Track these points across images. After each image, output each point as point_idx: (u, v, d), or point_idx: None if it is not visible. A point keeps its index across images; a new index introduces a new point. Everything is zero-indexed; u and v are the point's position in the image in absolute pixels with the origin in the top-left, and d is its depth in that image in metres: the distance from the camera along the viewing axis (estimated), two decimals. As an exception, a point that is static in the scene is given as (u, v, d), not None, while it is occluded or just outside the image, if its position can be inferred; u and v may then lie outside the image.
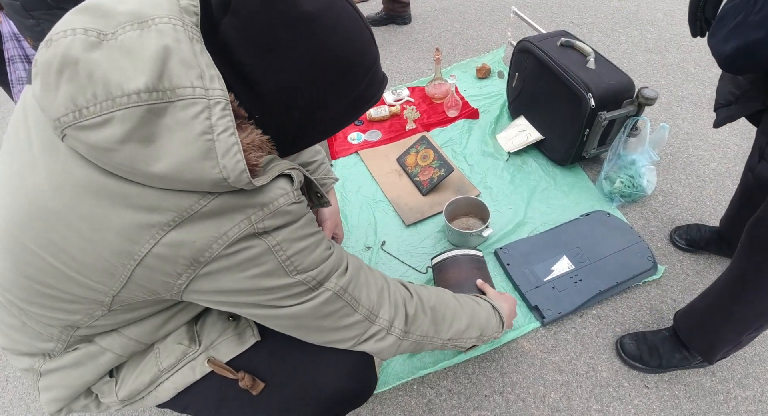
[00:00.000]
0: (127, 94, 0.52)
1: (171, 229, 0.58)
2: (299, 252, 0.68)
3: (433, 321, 0.92)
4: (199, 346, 0.87)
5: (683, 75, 2.27)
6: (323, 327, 0.77)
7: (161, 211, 0.57)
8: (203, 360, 0.87)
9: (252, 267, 0.65)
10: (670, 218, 1.69)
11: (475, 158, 1.93)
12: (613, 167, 1.70)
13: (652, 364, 1.30)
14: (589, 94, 1.58)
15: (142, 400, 0.88)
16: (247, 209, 0.61)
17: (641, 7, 2.75)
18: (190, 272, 0.63)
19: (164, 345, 0.86)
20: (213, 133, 0.55)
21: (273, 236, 0.64)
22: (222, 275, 0.64)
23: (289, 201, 0.64)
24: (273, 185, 0.63)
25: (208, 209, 0.59)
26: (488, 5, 2.91)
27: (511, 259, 1.54)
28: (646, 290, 1.51)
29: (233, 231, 0.61)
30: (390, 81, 2.42)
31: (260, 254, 0.64)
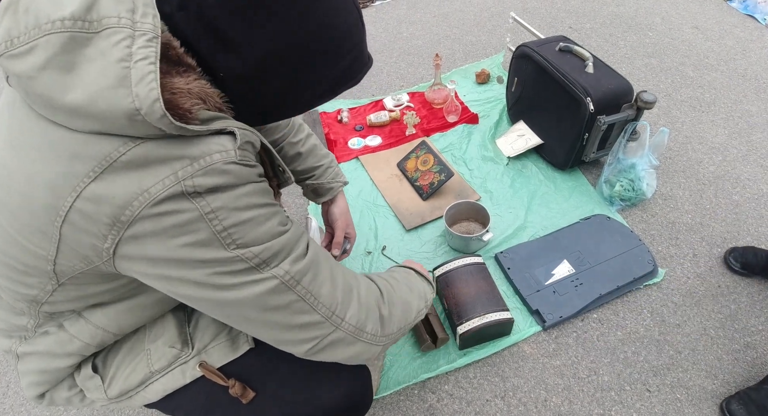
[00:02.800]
0: (52, 21, 0.52)
1: (91, 181, 0.54)
2: (241, 224, 0.60)
3: (404, 311, 0.86)
4: (191, 349, 0.85)
5: (682, 79, 2.27)
6: (272, 322, 0.68)
7: (82, 159, 0.54)
8: (194, 363, 0.85)
9: (182, 235, 0.57)
10: (670, 222, 1.70)
11: (475, 163, 1.93)
12: (612, 171, 1.70)
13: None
14: (588, 98, 1.59)
15: (129, 399, 0.86)
16: (173, 162, 0.55)
17: (639, 12, 2.76)
18: (115, 234, 0.57)
19: (156, 346, 0.85)
20: (130, 60, 0.52)
21: (207, 200, 0.57)
22: (149, 240, 0.57)
23: (226, 159, 0.58)
24: (210, 139, 0.58)
25: (129, 158, 0.54)
26: (487, 11, 2.92)
27: (512, 263, 1.54)
28: (647, 294, 1.51)
29: (156, 188, 0.54)
30: (390, 86, 2.43)
31: (191, 220, 0.57)
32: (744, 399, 1.24)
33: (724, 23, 2.62)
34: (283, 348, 0.73)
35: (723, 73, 2.29)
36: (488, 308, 1.33)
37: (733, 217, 1.70)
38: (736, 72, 2.29)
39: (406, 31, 2.85)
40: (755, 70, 2.29)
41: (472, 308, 1.34)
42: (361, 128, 2.17)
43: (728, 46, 2.45)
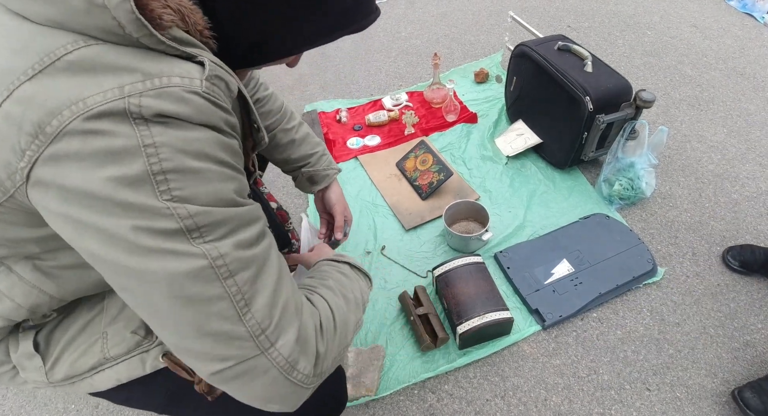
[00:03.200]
0: None
1: (27, 79, 0.46)
2: (184, 172, 0.49)
3: (341, 338, 0.68)
4: (155, 338, 0.75)
5: (680, 77, 2.28)
6: (181, 318, 0.52)
7: (27, 53, 0.47)
8: (157, 353, 0.75)
9: (110, 164, 0.46)
10: (669, 220, 1.70)
11: (474, 162, 1.93)
12: (612, 170, 1.70)
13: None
14: (586, 97, 1.59)
15: (72, 385, 0.76)
16: (123, 74, 0.47)
17: (638, 11, 2.76)
18: (35, 150, 0.47)
19: (115, 329, 0.74)
20: None
21: (152, 131, 0.47)
22: (71, 165, 0.47)
23: (188, 87, 0.49)
24: (175, 61, 0.50)
25: (74, 59, 0.46)
26: (485, 10, 2.92)
27: (511, 263, 1.54)
28: (646, 293, 1.51)
29: (95, 99, 0.46)
30: (388, 86, 2.43)
31: (126, 149, 0.46)
32: (757, 388, 1.24)
33: (723, 22, 2.62)
34: (186, 360, 0.56)
35: (721, 71, 2.29)
36: (488, 307, 1.33)
37: (732, 215, 1.70)
38: (735, 70, 2.29)
39: (405, 30, 2.84)
40: (754, 69, 2.29)
41: (471, 307, 1.34)
42: (359, 127, 2.17)
43: (727, 44, 2.45)
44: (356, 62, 2.63)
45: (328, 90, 2.46)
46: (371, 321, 1.49)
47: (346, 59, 2.66)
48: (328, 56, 2.70)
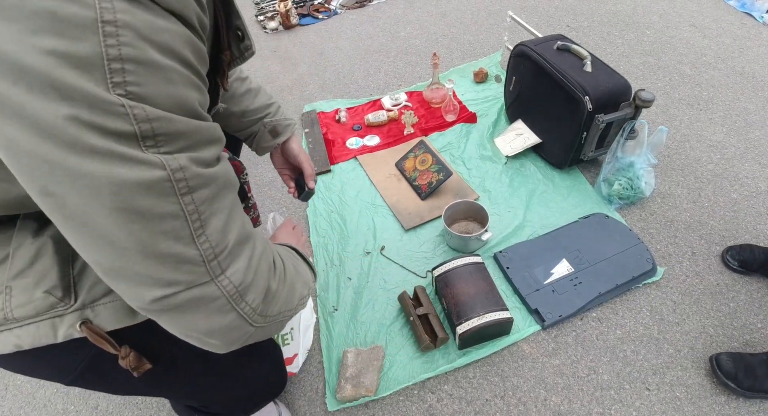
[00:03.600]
0: None
1: None
2: (147, 66, 0.42)
3: (289, 294, 0.65)
4: (73, 301, 0.62)
5: (679, 77, 2.27)
6: (125, 235, 0.45)
7: None
8: (73, 320, 0.63)
9: (53, 33, 0.38)
10: (669, 220, 1.70)
11: (474, 162, 1.93)
12: (611, 170, 1.70)
13: (745, 385, 1.25)
14: (586, 97, 1.59)
15: None
16: None
17: (637, 10, 2.76)
18: None
19: (22, 286, 0.61)
20: None
21: (116, 5, 0.39)
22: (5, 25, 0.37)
23: None
24: None
25: None
26: (485, 10, 2.92)
27: (511, 262, 1.54)
28: (646, 292, 1.51)
29: None
30: (388, 86, 2.42)
31: (79, 19, 0.38)
32: (735, 357, 1.29)
33: (722, 21, 2.62)
34: (120, 284, 0.49)
35: (721, 71, 2.29)
36: (487, 307, 1.33)
37: (731, 215, 1.70)
38: (734, 70, 2.29)
39: (404, 30, 2.84)
40: (753, 68, 2.29)
41: (471, 308, 1.34)
42: (359, 127, 2.16)
43: (726, 44, 2.45)
44: (355, 62, 2.63)
45: (327, 90, 2.45)
46: (371, 321, 1.49)
47: (345, 59, 2.66)
48: (327, 56, 2.70)
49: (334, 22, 3.03)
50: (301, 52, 2.77)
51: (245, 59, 0.67)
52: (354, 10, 3.13)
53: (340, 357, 1.41)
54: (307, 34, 2.94)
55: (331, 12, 3.12)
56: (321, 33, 2.93)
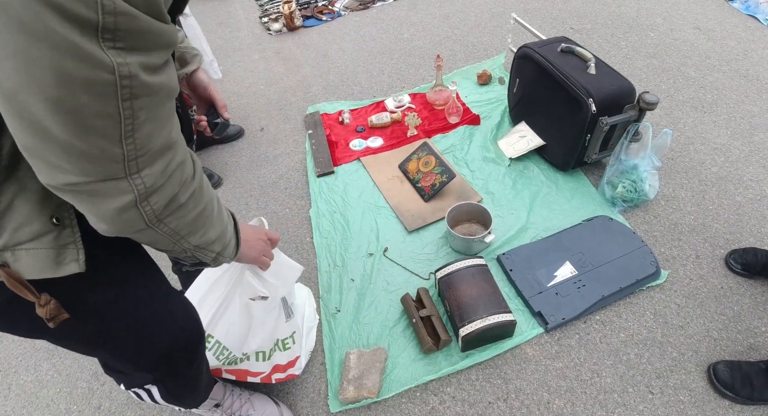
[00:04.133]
0: None
1: None
2: None
3: (196, 220, 0.66)
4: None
5: (684, 79, 2.27)
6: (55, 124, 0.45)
7: None
8: None
9: None
10: (673, 223, 1.69)
11: (477, 164, 1.93)
12: (615, 173, 1.70)
13: (742, 394, 1.25)
14: (590, 99, 1.59)
15: None
16: None
17: (641, 13, 2.76)
18: None
19: None
20: None
21: None
22: None
23: None
24: None
25: None
26: (488, 12, 2.92)
27: (514, 265, 1.54)
28: (649, 295, 1.51)
29: None
30: (391, 87, 2.43)
31: None
32: (733, 366, 1.29)
33: (726, 24, 2.61)
34: (39, 164, 0.50)
35: (725, 73, 2.29)
36: (491, 310, 1.33)
37: (735, 218, 1.69)
38: (738, 73, 2.28)
39: (407, 32, 2.84)
40: (757, 71, 2.29)
41: (474, 310, 1.33)
42: (362, 129, 2.17)
43: (730, 46, 2.45)
44: (359, 64, 2.63)
45: (330, 92, 2.46)
46: (373, 322, 1.49)
47: (348, 61, 2.66)
48: (331, 58, 2.70)
49: (337, 24, 3.04)
50: (305, 54, 2.77)
51: None
52: (357, 11, 3.13)
53: (343, 358, 1.41)
54: (311, 36, 2.94)
55: (335, 14, 3.13)
56: (325, 35, 2.93)
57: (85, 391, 1.46)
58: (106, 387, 1.47)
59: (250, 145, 2.24)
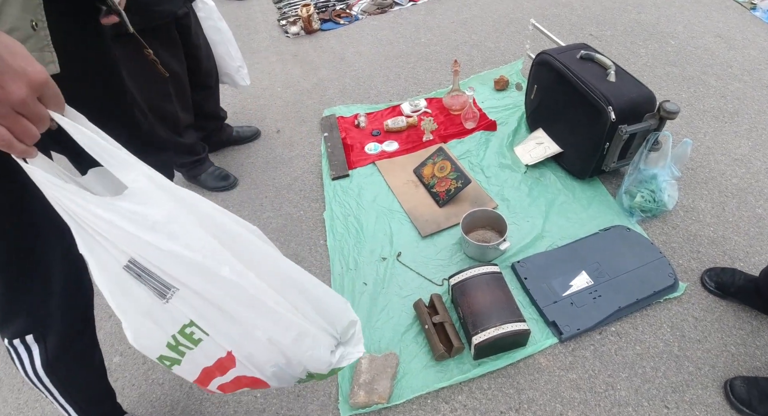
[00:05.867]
0: None
1: None
2: None
3: None
4: None
5: (704, 88, 2.24)
6: None
7: None
8: None
9: None
10: (692, 234, 1.66)
11: (493, 170, 1.92)
12: (633, 182, 1.68)
13: (760, 411, 1.23)
14: (609, 107, 1.57)
15: None
16: None
17: (661, 20, 2.73)
18: None
19: None
20: None
21: None
22: None
23: None
24: None
25: None
26: (506, 17, 2.91)
27: (529, 273, 1.52)
28: (666, 308, 1.48)
29: None
30: (407, 92, 2.42)
31: None
32: (751, 382, 1.27)
33: (748, 32, 2.57)
34: None
35: (746, 83, 2.25)
36: (504, 318, 1.32)
37: (756, 231, 1.66)
38: (761, 82, 2.24)
39: (424, 36, 2.84)
40: (780, 81, 2.25)
41: (487, 318, 1.32)
42: (378, 133, 2.17)
43: (752, 55, 2.41)
44: (375, 67, 2.63)
45: (347, 95, 2.46)
46: (385, 327, 1.48)
47: (365, 64, 2.67)
48: (348, 61, 2.71)
49: (355, 27, 3.05)
50: (322, 57, 2.78)
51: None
52: (375, 16, 3.14)
53: (354, 362, 1.40)
54: (328, 39, 2.95)
55: (353, 17, 3.14)
56: (342, 38, 2.94)
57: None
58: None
59: (266, 147, 2.25)
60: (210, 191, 2.06)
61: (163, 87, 1.70)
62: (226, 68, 2.03)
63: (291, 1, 3.41)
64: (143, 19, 1.51)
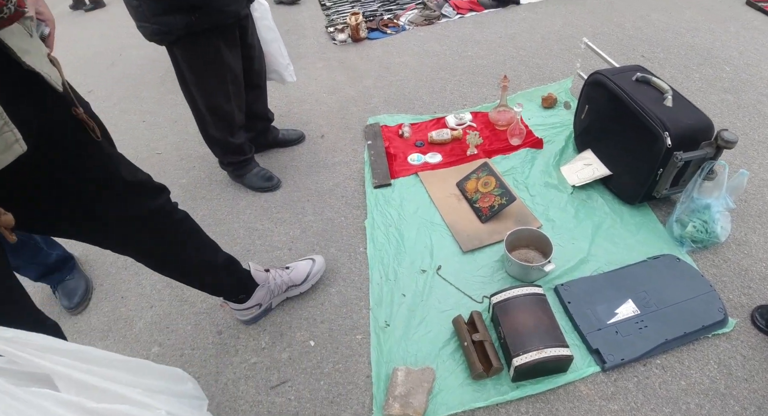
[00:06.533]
0: None
1: None
2: None
3: None
4: None
5: (760, 118, 2.17)
6: None
7: None
8: None
9: None
10: (743, 269, 1.61)
11: (537, 189, 1.89)
12: (685, 211, 1.63)
13: None
14: (665, 133, 1.54)
15: None
16: None
17: (715, 45, 2.66)
18: None
19: None
20: None
21: None
22: None
23: None
24: None
25: None
26: (555, 34, 2.88)
27: (573, 297, 1.50)
28: (714, 343, 1.43)
29: None
30: (452, 104, 2.42)
31: None
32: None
33: (809, 62, 2.49)
34: None
35: (806, 115, 2.17)
36: (547, 342, 1.30)
37: (813, 270, 1.59)
38: (821, 115, 2.17)
39: (471, 50, 2.84)
40: (843, 115, 2.16)
41: (530, 340, 1.30)
42: (421, 144, 2.17)
43: (813, 86, 2.33)
44: (421, 79, 2.64)
45: (391, 104, 2.47)
46: (422, 341, 1.47)
47: (410, 75, 2.68)
48: (393, 71, 2.72)
49: (401, 37, 3.07)
50: (368, 66, 2.80)
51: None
52: (422, 27, 3.15)
53: (390, 373, 1.40)
54: (374, 48, 2.98)
55: (400, 28, 3.16)
56: (388, 48, 2.96)
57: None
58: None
59: (309, 150, 2.28)
60: (254, 191, 2.09)
61: (224, 87, 1.74)
62: (276, 65, 2.07)
63: (339, 9, 3.46)
64: (214, 19, 1.55)
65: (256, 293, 1.54)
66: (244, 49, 1.81)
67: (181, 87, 1.80)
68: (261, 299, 1.56)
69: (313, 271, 1.65)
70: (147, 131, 2.63)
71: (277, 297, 1.62)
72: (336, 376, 1.46)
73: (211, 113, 1.82)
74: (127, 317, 1.72)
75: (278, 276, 1.59)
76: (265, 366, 1.51)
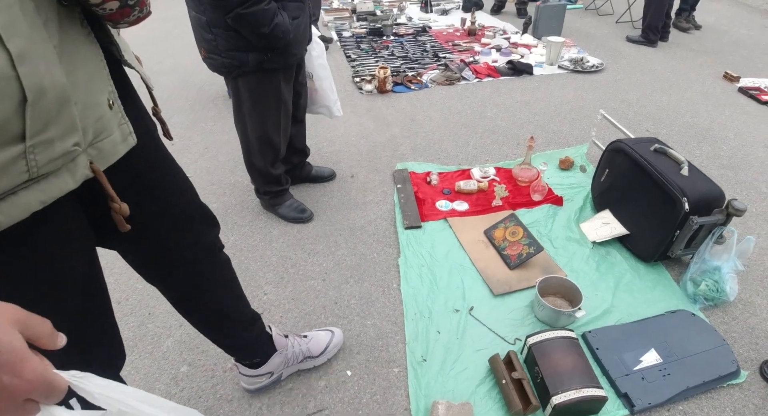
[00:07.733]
0: None
1: None
2: None
3: None
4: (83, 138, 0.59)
5: (757, 193, 2.39)
6: None
7: None
8: (85, 161, 0.60)
9: None
10: (750, 327, 1.74)
11: (560, 242, 2.03)
12: (698, 271, 1.78)
13: None
14: (684, 198, 1.71)
15: None
16: None
17: (713, 125, 2.94)
18: None
19: (42, 143, 0.53)
20: None
21: None
22: None
23: None
24: None
25: None
26: (567, 104, 3.13)
27: (600, 344, 1.60)
28: (729, 393, 1.54)
29: None
30: (476, 158, 2.59)
31: None
32: None
33: (795, 148, 2.76)
34: None
35: (796, 194, 2.40)
36: (585, 382, 1.38)
37: (812, 333, 1.74)
38: (809, 195, 2.39)
39: (490, 111, 3.06)
40: (828, 196, 2.40)
41: (569, 380, 1.39)
42: (448, 191, 2.31)
43: (799, 169, 2.58)
44: (444, 132, 2.82)
45: (418, 152, 2.64)
46: (459, 378, 1.54)
47: (435, 128, 2.86)
48: (419, 122, 2.91)
49: (424, 93, 3.29)
50: (394, 116, 2.99)
51: None
52: (443, 86, 3.39)
53: (429, 406, 1.45)
54: (400, 101, 3.18)
55: (422, 84, 3.39)
56: (413, 101, 3.17)
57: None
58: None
59: (340, 188, 2.40)
60: (286, 222, 2.18)
61: (276, 118, 1.87)
62: (326, 100, 2.22)
63: (364, 63, 3.69)
64: (284, 60, 1.71)
65: (272, 359, 1.44)
66: (295, 86, 1.96)
67: (234, 114, 1.92)
68: (275, 367, 1.47)
69: (332, 344, 1.59)
70: (177, 155, 2.70)
71: (289, 368, 1.53)
72: (374, 407, 1.50)
73: (260, 142, 1.94)
74: (155, 334, 1.74)
75: (296, 344, 1.51)
76: (301, 393, 1.55)
